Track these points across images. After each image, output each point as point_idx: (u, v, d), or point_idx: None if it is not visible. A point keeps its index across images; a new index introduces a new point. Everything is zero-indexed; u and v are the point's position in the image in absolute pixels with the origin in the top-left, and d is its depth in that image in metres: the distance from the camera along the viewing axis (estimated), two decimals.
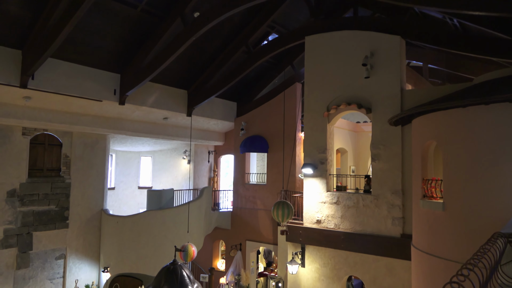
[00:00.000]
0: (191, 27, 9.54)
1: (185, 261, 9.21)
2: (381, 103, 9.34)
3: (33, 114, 10.30)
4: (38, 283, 10.99)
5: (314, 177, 10.25)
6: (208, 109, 13.90)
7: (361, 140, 13.51)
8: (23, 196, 10.69)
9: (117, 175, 16.15)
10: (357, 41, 9.83)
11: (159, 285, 6.58)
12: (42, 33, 8.41)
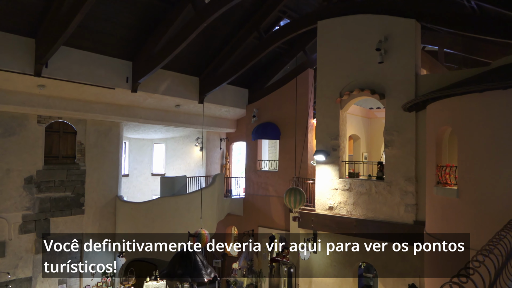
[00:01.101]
0: (202, 13, 9.47)
1: (200, 247, 9.33)
2: (395, 88, 9.18)
3: (47, 102, 10.44)
4: (56, 267, 11.29)
5: (326, 163, 10.20)
6: (219, 96, 13.88)
7: (374, 127, 13.36)
8: (40, 183, 10.93)
9: (130, 162, 16.35)
10: (370, 25, 9.63)
11: (174, 270, 6.72)
12: (54, 21, 8.46)
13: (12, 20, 8.51)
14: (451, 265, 6.58)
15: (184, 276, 6.59)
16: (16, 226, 10.43)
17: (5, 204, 10.24)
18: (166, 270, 6.83)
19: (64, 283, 11.41)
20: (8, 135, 10.31)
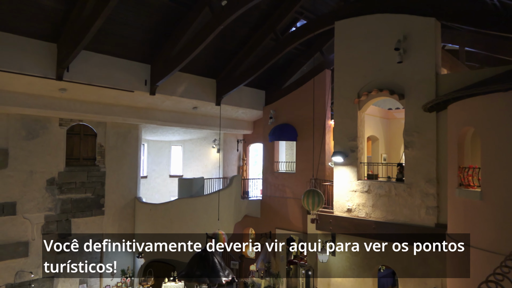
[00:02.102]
0: (219, 15, 9.51)
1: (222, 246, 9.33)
2: (414, 88, 9.02)
3: (68, 106, 10.67)
4: (78, 266, 11.51)
5: (344, 165, 10.10)
6: (236, 98, 13.92)
7: (393, 127, 13.15)
8: (61, 184, 11.17)
9: (149, 164, 16.55)
10: (389, 25, 9.50)
11: (192, 271, 6.76)
12: (75, 26, 8.65)
13: (36, 26, 8.75)
14: (474, 269, 6.41)
15: (202, 278, 6.62)
16: (38, 226, 10.69)
17: (29, 205, 10.51)
18: (185, 271, 6.88)
19: (84, 283, 11.62)
20: (31, 137, 10.58)
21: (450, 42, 12.68)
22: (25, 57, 8.81)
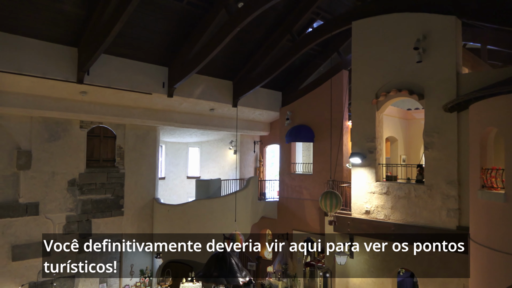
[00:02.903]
0: (236, 17, 9.55)
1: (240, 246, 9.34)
2: (434, 88, 8.85)
3: (89, 108, 10.89)
4: (97, 266, 11.71)
5: (362, 166, 9.98)
6: (253, 99, 13.94)
7: (413, 128, 12.92)
8: (82, 185, 11.40)
9: (167, 165, 16.73)
10: (408, 24, 9.35)
11: (209, 272, 6.79)
12: (95, 31, 8.83)
13: (57, 31, 8.97)
14: (499, 273, 6.24)
15: (220, 278, 6.64)
16: (60, 226, 10.93)
17: (51, 205, 10.76)
18: (202, 271, 6.92)
19: (104, 282, 11.82)
20: (53, 139, 10.84)
21: (472, 41, 12.41)
22: (47, 62, 9.05)
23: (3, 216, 9.92)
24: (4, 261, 9.89)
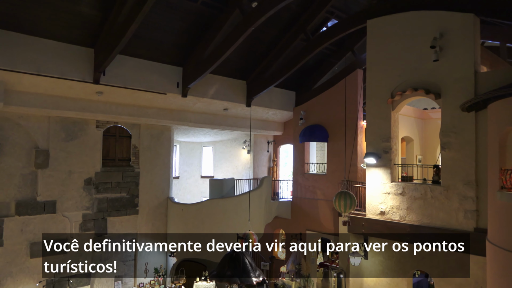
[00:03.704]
0: (250, 17, 9.55)
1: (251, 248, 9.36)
2: (452, 87, 8.70)
3: (105, 108, 11.05)
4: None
5: (377, 167, 9.88)
6: (266, 99, 13.93)
7: (429, 128, 12.73)
8: (98, 184, 11.57)
9: (181, 164, 16.86)
10: (424, 22, 9.21)
11: (223, 271, 6.81)
12: (111, 32, 8.95)
13: (74, 32, 9.12)
14: None
15: (233, 278, 6.66)
16: (77, 224, 11.12)
17: (68, 204, 10.95)
18: (216, 271, 6.95)
19: (119, 280, 11.97)
20: (70, 139, 11.03)
21: (490, 39, 12.13)
22: (65, 63, 9.21)
23: (22, 214, 10.15)
24: (23, 258, 10.12)
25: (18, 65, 8.57)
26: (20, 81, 9.06)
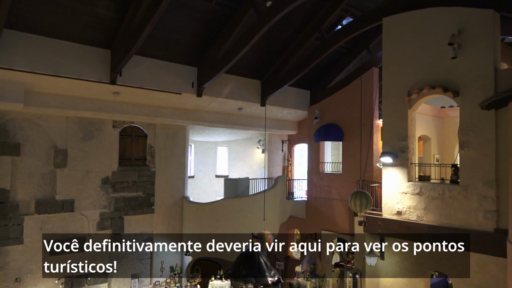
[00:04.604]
0: (264, 16, 9.54)
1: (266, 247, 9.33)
2: (470, 85, 8.52)
3: (121, 108, 11.20)
4: (130, 262, 12.05)
5: (393, 166, 9.75)
6: (281, 98, 13.90)
7: (447, 127, 12.50)
8: (114, 183, 11.74)
9: (196, 164, 16.97)
10: (442, 19, 9.04)
11: (238, 270, 6.82)
12: (127, 33, 9.06)
13: (91, 34, 9.28)
14: None
15: (248, 277, 6.66)
16: (94, 223, 11.30)
17: (85, 203, 11.14)
18: (231, 270, 6.96)
19: (136, 279, 12.12)
20: (87, 139, 11.22)
21: (511, 35, 11.83)
22: (82, 64, 9.38)
23: (41, 212, 10.37)
24: (42, 255, 10.33)
25: (37, 66, 8.77)
26: (39, 82, 9.26)
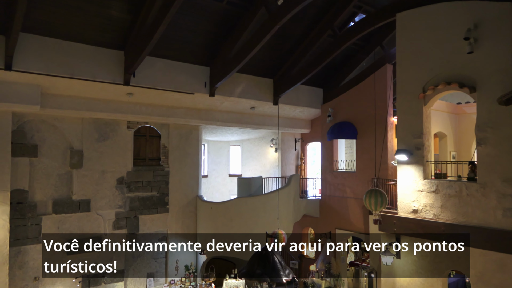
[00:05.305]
0: (275, 15, 9.51)
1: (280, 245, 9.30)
2: (488, 80, 8.33)
3: (135, 109, 11.32)
4: (145, 261, 12.18)
5: (409, 164, 9.61)
6: (293, 96, 13.84)
7: (463, 123, 12.26)
8: (129, 183, 11.87)
9: (209, 163, 17.04)
10: (457, 13, 8.86)
11: (253, 269, 6.83)
12: (140, 34, 9.14)
13: (105, 36, 9.39)
14: None
15: (263, 276, 6.66)
16: (110, 222, 11.45)
17: (101, 202, 11.30)
18: (246, 269, 6.97)
19: (152, 277, 12.24)
20: (103, 139, 11.37)
21: None
22: (97, 65, 9.50)
23: (59, 212, 10.55)
24: (60, 254, 10.50)
25: (53, 69, 8.91)
26: (55, 84, 9.42)
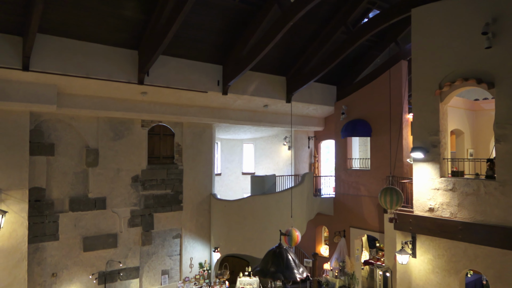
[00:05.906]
0: (288, 12, 9.45)
1: (290, 246, 9.34)
2: (507, 75, 8.13)
3: (149, 108, 11.42)
4: (160, 259, 12.30)
5: (425, 161, 9.46)
6: (307, 94, 13.77)
7: (481, 120, 12.01)
8: (144, 181, 11.99)
9: (222, 161, 17.10)
10: (474, 8, 8.67)
11: (266, 267, 6.81)
12: (154, 33, 9.21)
13: (119, 36, 9.49)
14: None
15: (277, 274, 6.64)
16: (125, 220, 11.60)
17: (116, 200, 11.45)
18: (259, 267, 6.96)
19: (166, 274, 12.36)
20: (118, 138, 11.51)
21: None
22: (111, 65, 9.61)
23: (75, 210, 10.73)
24: (76, 251, 10.71)
25: (69, 69, 9.05)
26: (71, 84, 9.57)
